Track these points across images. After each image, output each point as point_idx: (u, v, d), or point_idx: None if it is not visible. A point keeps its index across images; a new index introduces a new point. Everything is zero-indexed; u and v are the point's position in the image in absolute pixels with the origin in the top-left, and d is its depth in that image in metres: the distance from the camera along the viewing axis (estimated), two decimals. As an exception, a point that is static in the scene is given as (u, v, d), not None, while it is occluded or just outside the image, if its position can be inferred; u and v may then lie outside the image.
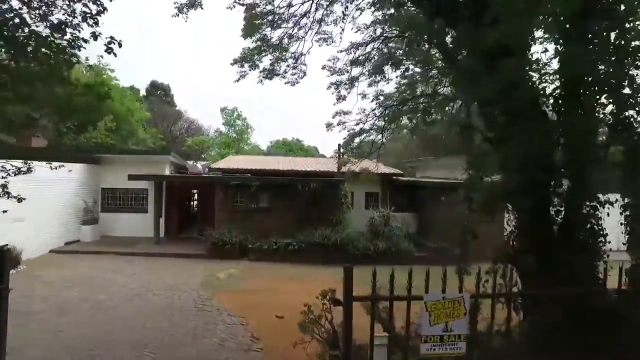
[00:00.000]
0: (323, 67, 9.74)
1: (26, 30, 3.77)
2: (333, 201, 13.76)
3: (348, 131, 11.58)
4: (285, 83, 8.42)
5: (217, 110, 57.19)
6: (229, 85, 74.50)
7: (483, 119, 4.88)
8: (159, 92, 50.43)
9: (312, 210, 13.62)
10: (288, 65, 8.25)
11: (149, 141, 31.51)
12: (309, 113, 77.08)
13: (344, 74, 9.89)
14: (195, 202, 18.68)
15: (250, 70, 8.25)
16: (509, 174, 3.92)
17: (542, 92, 3.96)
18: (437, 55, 8.72)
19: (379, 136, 11.23)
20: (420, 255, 13.63)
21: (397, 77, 10.29)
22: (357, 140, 11.60)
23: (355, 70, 9.97)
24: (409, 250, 13.50)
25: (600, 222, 3.83)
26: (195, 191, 18.21)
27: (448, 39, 5.13)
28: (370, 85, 10.51)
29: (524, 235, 4.21)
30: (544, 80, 4.01)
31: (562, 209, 4.00)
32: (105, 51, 4.25)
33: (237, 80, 8.19)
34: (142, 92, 46.85)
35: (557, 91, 3.94)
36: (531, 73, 3.87)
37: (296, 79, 8.45)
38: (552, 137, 3.87)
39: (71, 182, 13.20)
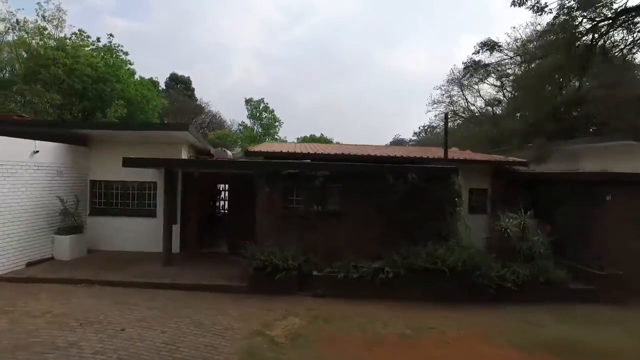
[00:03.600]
0: None
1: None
2: (440, 201, 8.74)
3: (499, 77, 6.57)
4: None
5: (241, 103, 53.02)
6: (252, 81, 70.50)
7: None
8: (178, 86, 46.84)
9: (408, 216, 8.65)
10: None
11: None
12: (326, 110, 71.83)
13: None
14: (224, 202, 13.93)
15: None
16: None
17: None
18: None
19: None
20: (581, 287, 8.50)
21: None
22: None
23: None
24: (562, 279, 8.37)
25: None
26: (223, 186, 13.48)
27: None
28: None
29: None
30: None
31: None
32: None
33: None
34: (162, 86, 43.49)
35: None
36: None
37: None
38: None
39: (40, 169, 8.63)
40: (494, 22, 58.75)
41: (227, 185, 12.84)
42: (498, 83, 27.30)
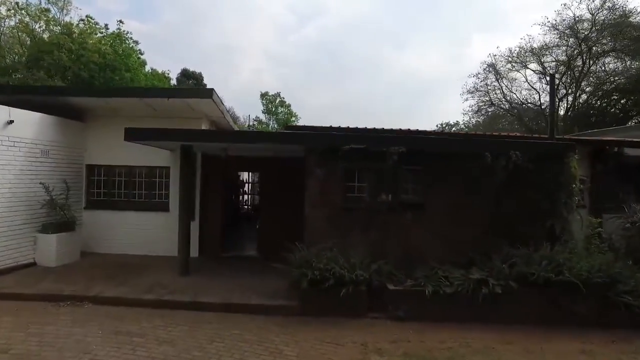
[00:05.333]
0: None
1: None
2: (551, 189, 6.44)
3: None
4: None
5: (252, 102, 51.12)
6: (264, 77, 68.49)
7: None
8: (190, 81, 45.15)
9: (508, 208, 6.36)
10: None
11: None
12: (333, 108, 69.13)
13: None
14: (247, 197, 11.74)
15: None
16: None
17: None
18: None
19: None
20: None
21: None
22: None
23: None
24: None
25: None
26: (247, 176, 11.29)
27: None
28: None
29: None
30: None
31: None
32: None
33: None
34: (173, 82, 41.82)
35: None
36: None
37: None
38: None
39: (17, 146, 6.54)
40: (505, 22, 56.21)
41: (250, 175, 10.69)
42: (540, 68, 24.85)
